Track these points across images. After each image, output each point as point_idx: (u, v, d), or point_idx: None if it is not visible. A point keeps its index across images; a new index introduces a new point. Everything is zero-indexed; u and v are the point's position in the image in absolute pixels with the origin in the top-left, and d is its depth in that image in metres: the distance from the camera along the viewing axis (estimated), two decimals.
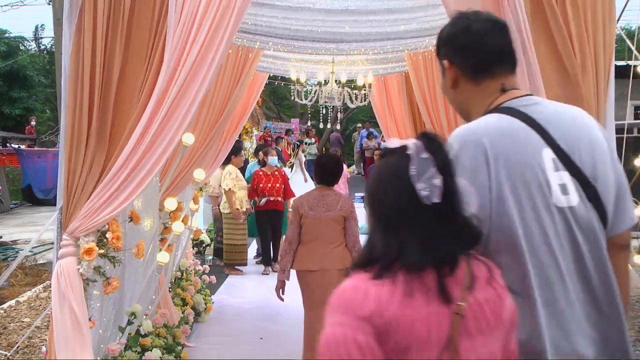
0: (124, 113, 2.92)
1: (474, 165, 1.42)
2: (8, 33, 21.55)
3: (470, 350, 1.23)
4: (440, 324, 1.21)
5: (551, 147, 1.46)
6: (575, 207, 1.44)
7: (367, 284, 1.24)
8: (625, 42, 4.81)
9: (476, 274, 1.28)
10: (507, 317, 1.30)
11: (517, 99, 1.55)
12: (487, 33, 1.56)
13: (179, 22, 2.92)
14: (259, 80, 5.79)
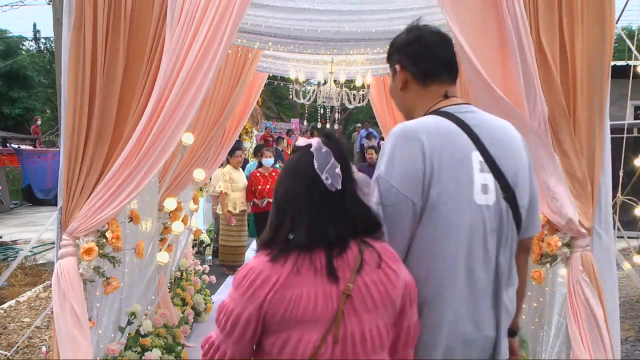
0: (124, 113, 2.92)
1: (412, 157, 1.59)
2: (8, 33, 21.54)
3: (356, 325, 1.42)
4: (328, 301, 1.41)
5: (480, 151, 1.65)
6: (491, 205, 1.63)
7: (262, 264, 1.44)
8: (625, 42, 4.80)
9: (366, 259, 1.47)
10: (398, 297, 1.49)
11: (456, 106, 1.74)
12: (438, 44, 1.78)
13: (178, 22, 2.92)
14: (259, 80, 5.79)
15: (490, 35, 2.83)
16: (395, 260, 1.53)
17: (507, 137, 1.71)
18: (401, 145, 1.61)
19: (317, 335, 1.40)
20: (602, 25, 2.85)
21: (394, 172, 1.59)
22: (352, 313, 1.42)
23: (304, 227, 1.45)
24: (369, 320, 1.44)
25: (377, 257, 1.49)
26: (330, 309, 1.40)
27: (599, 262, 2.89)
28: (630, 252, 5.30)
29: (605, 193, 2.95)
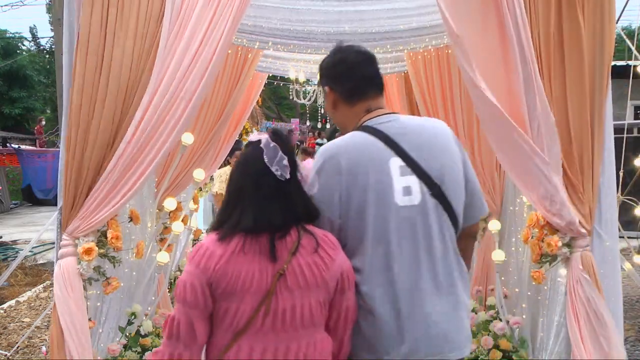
0: (120, 112, 2.93)
1: (329, 178, 1.78)
2: (8, 33, 21.53)
3: (287, 300, 1.64)
4: (263, 278, 1.63)
5: (400, 156, 1.79)
6: (416, 205, 1.77)
7: (211, 243, 1.68)
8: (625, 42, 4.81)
9: (303, 244, 1.68)
10: (332, 280, 1.70)
11: (377, 118, 1.87)
12: (360, 63, 1.91)
13: (176, 22, 2.93)
14: (259, 80, 5.78)
15: (489, 35, 2.83)
16: (334, 247, 1.74)
17: (430, 138, 1.85)
18: (321, 166, 1.80)
19: (251, 306, 1.63)
20: (602, 24, 2.84)
21: (319, 194, 1.78)
22: (284, 290, 1.65)
23: (251, 214, 1.67)
24: (300, 297, 1.66)
25: (314, 243, 1.70)
26: (265, 285, 1.63)
27: (599, 262, 2.89)
28: (630, 252, 5.30)
29: (606, 193, 2.94)
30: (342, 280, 1.73)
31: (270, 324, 1.64)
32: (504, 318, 3.86)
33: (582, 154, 2.84)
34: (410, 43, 4.44)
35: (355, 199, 1.75)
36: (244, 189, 1.70)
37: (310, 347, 1.67)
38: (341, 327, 1.77)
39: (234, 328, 1.65)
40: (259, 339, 1.64)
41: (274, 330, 1.64)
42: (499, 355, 3.68)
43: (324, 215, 1.77)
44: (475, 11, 2.82)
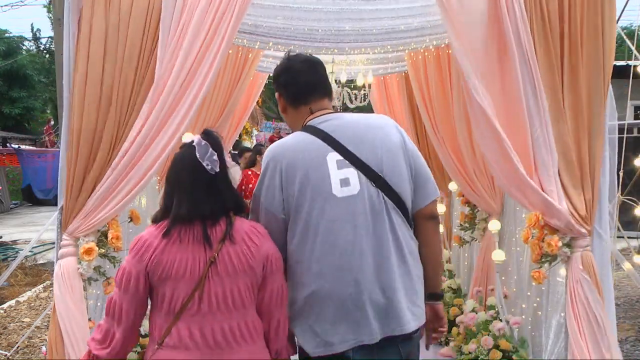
0: (122, 112, 2.92)
1: (272, 178, 1.97)
2: (8, 33, 21.52)
3: (218, 285, 1.84)
4: (196, 266, 1.82)
5: (337, 151, 1.95)
6: (356, 194, 1.92)
7: (149, 234, 1.88)
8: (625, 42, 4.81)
9: (232, 233, 1.87)
10: (258, 266, 1.89)
11: (318, 117, 2.05)
12: (303, 71, 2.07)
13: (179, 23, 2.92)
14: (259, 81, 5.78)
15: (489, 37, 2.83)
16: (260, 236, 1.93)
17: (367, 132, 2.01)
18: (266, 167, 1.98)
19: (186, 292, 1.82)
20: (602, 24, 2.84)
21: (265, 194, 1.97)
22: (215, 276, 1.84)
23: (186, 204, 1.86)
24: (229, 282, 1.85)
25: (243, 233, 1.90)
26: (198, 272, 1.82)
27: (599, 262, 2.89)
28: (630, 252, 5.30)
29: (604, 194, 2.94)
30: (269, 265, 1.92)
31: (206, 307, 1.83)
32: (503, 318, 3.86)
33: (582, 155, 2.84)
34: (411, 43, 4.44)
35: (296, 195, 1.92)
36: (180, 182, 1.91)
37: (241, 326, 1.87)
38: (274, 307, 1.95)
39: (172, 311, 1.84)
40: (195, 321, 1.83)
41: (209, 312, 1.83)
42: (499, 355, 3.68)
43: (270, 212, 1.95)
44: (474, 12, 2.82)
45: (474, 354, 3.84)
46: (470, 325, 4.13)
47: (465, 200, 4.80)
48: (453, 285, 5.07)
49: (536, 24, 2.82)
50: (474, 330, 4.07)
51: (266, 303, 1.93)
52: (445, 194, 5.55)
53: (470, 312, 4.22)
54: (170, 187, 1.94)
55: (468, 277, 4.94)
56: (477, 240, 4.68)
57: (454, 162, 4.58)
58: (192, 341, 1.82)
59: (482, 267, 4.42)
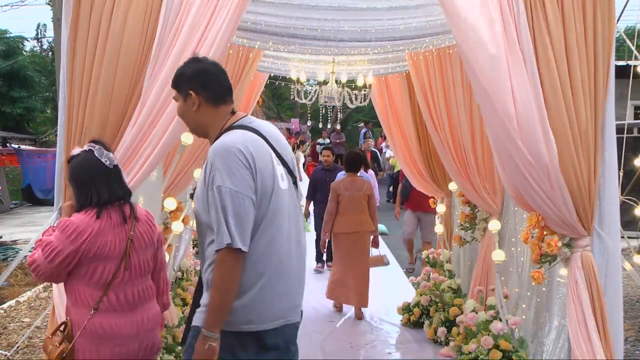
0: (117, 111, 2.93)
1: (242, 165, 2.05)
2: (8, 33, 21.51)
3: (136, 258, 2.41)
4: (121, 244, 2.37)
5: (272, 150, 2.19)
6: (286, 189, 2.20)
7: (79, 220, 2.33)
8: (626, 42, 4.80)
9: (138, 216, 2.46)
10: (156, 240, 2.53)
11: (243, 119, 2.25)
12: (219, 73, 2.30)
13: (174, 20, 2.93)
14: (260, 81, 5.78)
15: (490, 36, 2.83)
16: (153, 218, 2.57)
17: (278, 136, 2.27)
18: (229, 158, 2.05)
19: (114, 265, 2.34)
20: (602, 24, 2.84)
21: (235, 180, 2.03)
22: (133, 251, 2.39)
23: (105, 190, 2.38)
24: (142, 255, 2.44)
25: (145, 214, 2.51)
26: (122, 249, 2.36)
27: (599, 262, 2.89)
28: (630, 252, 5.30)
29: (607, 194, 2.94)
30: (159, 241, 2.56)
31: (127, 276, 2.37)
32: (503, 318, 3.86)
33: (582, 156, 2.84)
34: (411, 44, 4.44)
35: (260, 184, 2.09)
36: (93, 176, 2.39)
37: (147, 288, 2.48)
38: (161, 270, 2.57)
39: (103, 282, 2.33)
40: (120, 288, 2.36)
41: (130, 279, 2.38)
42: (499, 355, 3.68)
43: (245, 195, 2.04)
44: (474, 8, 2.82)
45: (474, 354, 3.84)
46: (470, 325, 4.13)
47: (466, 200, 4.80)
48: (453, 285, 5.07)
49: (536, 24, 2.82)
50: (474, 330, 4.07)
51: (157, 268, 2.54)
52: (446, 194, 5.55)
53: (470, 312, 4.21)
54: (82, 185, 2.40)
55: (468, 277, 4.93)
56: (478, 240, 4.68)
57: (455, 162, 4.58)
58: (119, 304, 2.35)
59: (482, 267, 4.42)
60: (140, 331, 2.39)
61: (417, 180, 5.80)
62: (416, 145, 5.51)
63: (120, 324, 2.35)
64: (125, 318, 2.36)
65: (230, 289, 2.04)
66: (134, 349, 2.38)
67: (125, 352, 2.35)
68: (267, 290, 2.11)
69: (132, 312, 2.39)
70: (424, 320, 5.15)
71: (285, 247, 2.17)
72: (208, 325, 2.04)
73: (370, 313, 5.79)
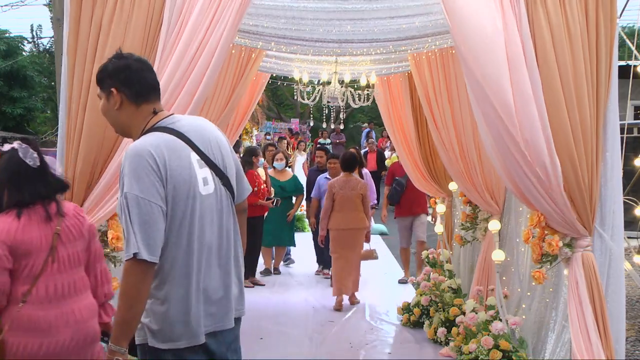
0: None
1: (150, 171, 1.97)
2: (8, 33, 21.50)
3: (64, 251, 2.43)
4: (47, 239, 2.39)
5: (195, 152, 2.08)
6: (211, 193, 2.09)
7: (5, 223, 2.34)
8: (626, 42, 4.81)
9: (65, 210, 2.48)
10: (86, 234, 2.53)
11: (165, 119, 2.14)
12: (144, 70, 2.16)
13: (177, 21, 2.93)
14: (262, 80, 5.78)
15: (491, 35, 2.83)
16: (82, 212, 2.61)
17: (209, 134, 2.16)
18: (138, 163, 1.97)
19: (42, 258, 2.37)
20: (604, 23, 2.85)
21: (142, 187, 1.95)
22: (60, 244, 2.42)
23: (26, 191, 2.39)
24: (71, 248, 2.46)
25: (72, 209, 2.53)
26: (49, 242, 2.39)
27: (600, 263, 2.89)
28: (630, 252, 5.30)
29: (609, 195, 2.94)
30: (90, 233, 2.56)
31: (56, 268, 2.40)
32: (503, 318, 3.86)
33: (583, 156, 2.84)
34: (414, 44, 4.44)
35: (171, 190, 2.00)
36: (15, 176, 2.40)
37: (79, 280, 2.50)
38: (96, 262, 2.59)
39: (31, 276, 2.36)
40: (50, 280, 2.38)
41: (58, 272, 2.41)
42: (499, 355, 3.68)
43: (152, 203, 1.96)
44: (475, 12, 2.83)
45: (474, 354, 3.84)
46: (470, 325, 4.13)
47: (467, 199, 4.81)
48: (453, 285, 5.07)
49: (537, 24, 2.82)
50: (474, 330, 4.07)
51: (92, 260, 2.57)
52: (447, 194, 5.55)
53: (470, 312, 4.22)
54: (7, 182, 2.41)
55: (468, 277, 4.94)
56: (479, 240, 4.68)
57: (457, 162, 4.58)
58: (48, 296, 2.38)
59: (483, 267, 4.43)
60: (70, 322, 2.40)
61: (418, 180, 5.81)
62: (417, 145, 5.52)
63: (49, 316, 2.36)
64: (54, 310, 2.38)
65: (137, 302, 1.95)
66: (65, 340, 2.38)
67: (54, 344, 2.36)
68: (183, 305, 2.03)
69: (62, 303, 2.41)
70: (424, 320, 5.16)
71: (205, 255, 2.08)
72: (114, 338, 1.97)
73: (370, 313, 5.80)
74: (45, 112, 23.10)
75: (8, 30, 21.75)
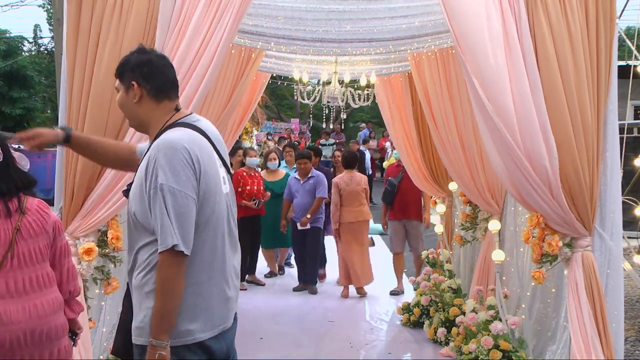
0: (118, 111, 2.93)
1: (186, 164, 1.97)
2: (8, 33, 21.50)
3: (24, 246, 2.41)
4: (6, 234, 2.37)
5: (215, 151, 2.12)
6: (229, 192, 2.17)
7: None
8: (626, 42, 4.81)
9: (27, 206, 2.45)
10: (50, 229, 2.49)
11: (188, 116, 2.15)
12: (165, 66, 2.15)
13: (177, 21, 2.93)
14: (262, 80, 5.78)
15: (491, 34, 2.83)
16: (47, 208, 2.54)
17: (220, 138, 2.23)
18: (174, 155, 1.97)
19: (1, 255, 2.35)
20: (604, 23, 2.85)
21: (178, 179, 1.94)
22: (21, 240, 2.40)
23: None
24: (32, 243, 2.43)
25: (35, 205, 2.49)
26: (8, 238, 2.37)
27: (600, 263, 2.89)
28: (630, 252, 5.30)
29: (609, 195, 2.94)
30: (56, 229, 2.52)
31: (16, 264, 2.40)
32: (503, 318, 3.86)
33: (584, 156, 2.84)
34: (414, 44, 4.44)
35: (203, 186, 2.01)
36: None
37: (43, 275, 2.47)
38: (63, 258, 2.55)
39: None
40: (9, 275, 2.38)
41: (19, 267, 2.40)
42: (499, 355, 3.68)
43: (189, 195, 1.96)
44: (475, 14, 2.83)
45: (474, 354, 3.84)
46: (470, 325, 4.13)
47: (467, 199, 4.81)
48: (453, 285, 5.07)
49: (537, 25, 2.82)
50: (474, 330, 4.07)
51: (57, 256, 2.54)
52: (447, 194, 5.55)
53: (470, 312, 4.22)
54: None
55: (469, 277, 4.94)
56: (479, 240, 4.68)
57: (458, 162, 4.58)
58: (9, 291, 2.38)
59: (483, 267, 4.43)
60: (32, 317, 2.41)
61: (419, 180, 5.81)
62: (418, 145, 5.52)
63: (11, 310, 2.37)
64: (16, 304, 2.39)
65: (174, 294, 1.93)
66: (26, 334, 2.40)
67: (15, 338, 2.37)
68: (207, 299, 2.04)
69: (24, 298, 2.41)
70: (424, 320, 5.16)
71: (227, 253, 2.11)
72: (155, 333, 1.93)
73: (370, 313, 5.80)
74: (45, 112, 23.09)
75: (8, 30, 21.74)
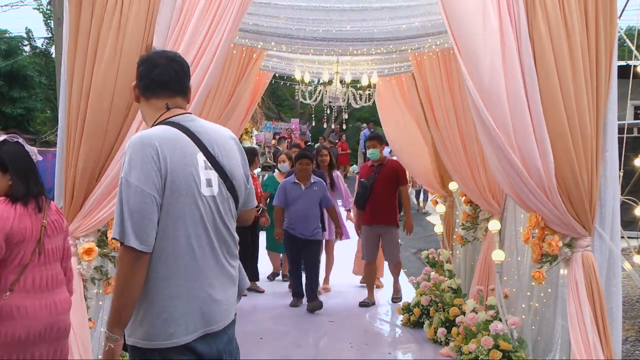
0: (119, 111, 2.93)
1: (150, 161, 1.98)
2: (8, 33, 21.50)
3: (49, 244, 2.58)
4: (36, 231, 2.53)
5: (203, 152, 2.10)
6: (215, 195, 2.10)
7: (4, 210, 2.46)
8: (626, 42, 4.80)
9: (51, 207, 2.65)
10: (65, 230, 2.71)
11: (178, 116, 2.15)
12: (159, 66, 2.15)
13: (177, 21, 2.93)
14: (264, 80, 5.77)
15: (488, 36, 2.83)
16: (60, 209, 2.76)
17: (222, 140, 2.19)
18: (140, 152, 1.99)
19: (31, 249, 2.50)
20: (604, 23, 2.85)
21: (138, 175, 1.96)
22: (46, 237, 2.57)
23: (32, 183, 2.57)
24: (55, 241, 2.61)
25: (54, 207, 2.70)
26: (36, 234, 2.53)
27: (600, 263, 2.89)
28: (630, 252, 5.30)
29: (609, 195, 2.94)
30: (67, 230, 2.73)
31: (42, 260, 2.54)
32: (503, 318, 3.86)
33: (582, 156, 2.84)
34: (415, 43, 4.44)
35: (169, 184, 2.00)
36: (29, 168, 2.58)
37: (59, 273, 2.63)
38: (65, 261, 2.71)
39: (21, 265, 2.47)
40: (36, 270, 2.51)
41: (43, 264, 2.54)
42: (499, 355, 3.68)
43: (146, 192, 1.96)
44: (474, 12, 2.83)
45: (474, 354, 3.84)
46: (470, 325, 4.13)
47: (468, 199, 4.81)
48: (453, 285, 5.07)
49: (535, 26, 2.82)
50: (474, 330, 4.07)
51: (65, 257, 2.69)
52: (448, 194, 5.55)
53: (470, 312, 4.22)
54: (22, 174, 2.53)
55: (469, 277, 4.94)
56: (479, 240, 4.68)
57: (459, 162, 4.58)
58: (34, 286, 2.50)
59: (483, 267, 4.43)
60: (52, 314, 2.52)
61: (427, 178, 5.85)
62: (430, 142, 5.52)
63: (35, 306, 2.48)
64: (40, 300, 2.50)
65: (127, 289, 1.94)
66: (46, 330, 2.50)
67: (36, 333, 2.46)
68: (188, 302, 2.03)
69: (45, 294, 2.53)
70: (424, 320, 5.16)
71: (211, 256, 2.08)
72: (109, 326, 1.98)
73: (370, 313, 5.80)
74: (45, 112, 23.10)
75: (8, 30, 21.74)
